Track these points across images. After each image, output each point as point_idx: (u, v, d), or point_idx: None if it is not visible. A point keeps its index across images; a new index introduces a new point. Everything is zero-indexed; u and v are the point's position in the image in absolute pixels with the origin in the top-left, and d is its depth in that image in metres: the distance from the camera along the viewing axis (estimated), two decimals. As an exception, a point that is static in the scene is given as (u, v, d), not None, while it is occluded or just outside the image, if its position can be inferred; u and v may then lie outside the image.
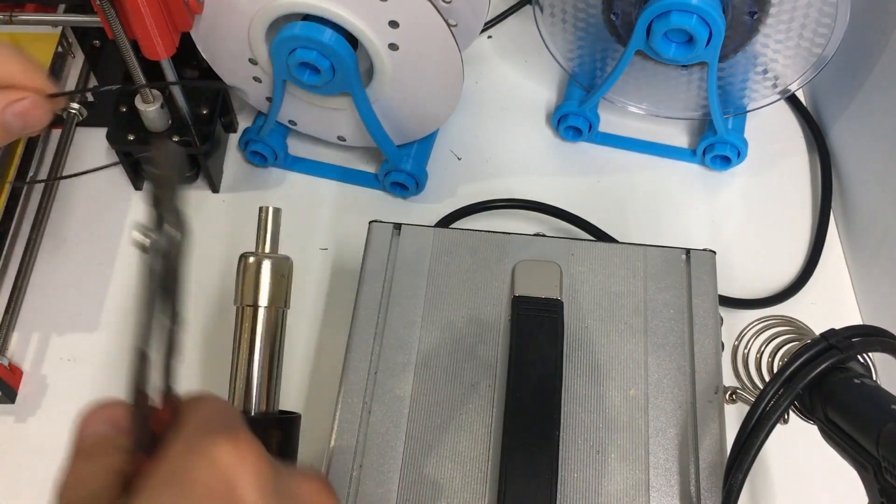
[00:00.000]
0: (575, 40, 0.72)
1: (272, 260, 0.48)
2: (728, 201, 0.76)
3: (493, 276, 0.55)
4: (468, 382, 0.51)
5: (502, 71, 0.84)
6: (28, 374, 0.66)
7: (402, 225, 0.58)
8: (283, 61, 0.63)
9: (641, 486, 0.48)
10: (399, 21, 0.60)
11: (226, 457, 0.28)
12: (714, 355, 0.52)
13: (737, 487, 0.41)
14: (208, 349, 0.66)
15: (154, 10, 0.57)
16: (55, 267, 0.71)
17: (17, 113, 0.36)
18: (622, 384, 0.51)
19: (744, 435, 0.41)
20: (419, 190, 0.74)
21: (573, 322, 0.53)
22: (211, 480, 0.28)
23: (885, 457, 0.35)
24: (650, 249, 0.56)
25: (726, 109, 0.74)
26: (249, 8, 0.61)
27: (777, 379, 0.41)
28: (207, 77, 0.71)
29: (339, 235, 0.73)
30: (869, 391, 0.38)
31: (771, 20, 0.65)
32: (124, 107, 0.70)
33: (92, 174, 0.76)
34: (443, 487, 0.48)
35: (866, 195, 0.71)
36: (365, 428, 0.50)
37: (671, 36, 0.65)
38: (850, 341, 0.40)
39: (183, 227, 0.27)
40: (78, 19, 0.66)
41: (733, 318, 0.65)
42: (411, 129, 0.71)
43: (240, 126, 0.79)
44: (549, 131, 0.80)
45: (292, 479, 0.31)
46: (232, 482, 0.28)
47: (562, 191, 0.75)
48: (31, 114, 0.37)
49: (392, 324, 0.53)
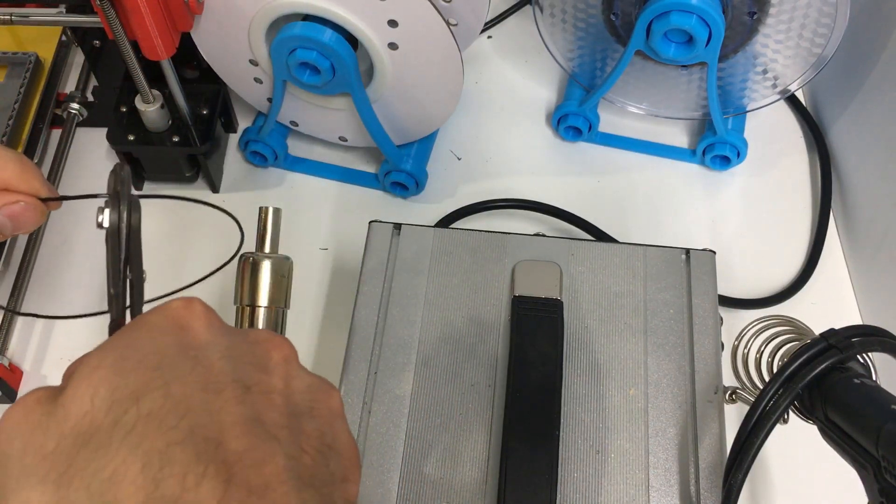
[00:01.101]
0: (575, 40, 0.72)
1: (272, 260, 0.48)
2: (728, 201, 0.76)
3: (493, 276, 0.55)
4: (468, 382, 0.51)
5: (502, 71, 0.84)
6: (28, 374, 0.66)
7: (402, 225, 0.58)
8: (283, 61, 0.63)
9: (641, 486, 0.48)
10: (398, 20, 0.60)
11: (176, 304, 0.30)
12: (714, 355, 0.52)
13: (737, 487, 0.41)
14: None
15: (154, 10, 0.57)
16: (55, 267, 0.71)
17: (10, 215, 0.38)
18: (622, 384, 0.51)
19: (744, 435, 0.41)
20: (419, 190, 0.74)
21: (573, 322, 0.53)
22: (162, 322, 0.29)
23: (885, 456, 0.35)
24: (650, 249, 0.56)
25: (726, 109, 0.74)
26: (249, 8, 0.61)
27: (777, 379, 0.41)
28: (208, 77, 0.71)
29: (339, 235, 0.73)
30: (869, 391, 0.38)
31: (771, 20, 0.65)
32: (124, 107, 0.71)
33: (91, 174, 0.77)
34: (443, 487, 0.48)
35: (866, 195, 0.71)
36: (365, 428, 0.50)
37: (671, 36, 0.65)
38: (850, 341, 0.40)
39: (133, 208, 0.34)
40: (78, 19, 0.66)
41: (733, 318, 0.65)
42: (411, 129, 0.71)
43: (240, 126, 0.79)
44: (549, 131, 0.80)
45: (244, 329, 0.32)
46: (183, 320, 0.30)
47: (562, 191, 0.75)
48: (24, 216, 0.39)
49: (392, 324, 0.53)
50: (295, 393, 0.30)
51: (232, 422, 0.27)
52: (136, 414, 0.25)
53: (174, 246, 0.73)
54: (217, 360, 0.29)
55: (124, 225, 0.33)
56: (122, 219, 0.33)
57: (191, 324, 0.30)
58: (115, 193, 0.33)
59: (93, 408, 0.26)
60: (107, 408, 0.26)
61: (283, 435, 0.28)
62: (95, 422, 0.25)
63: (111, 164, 0.76)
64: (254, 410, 0.28)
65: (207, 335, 0.30)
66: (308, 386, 0.31)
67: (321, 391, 0.32)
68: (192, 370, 0.28)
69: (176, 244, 0.73)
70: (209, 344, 0.29)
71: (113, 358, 0.27)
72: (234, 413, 0.27)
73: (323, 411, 0.31)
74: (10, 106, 0.73)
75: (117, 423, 0.25)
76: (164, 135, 0.70)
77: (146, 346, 0.28)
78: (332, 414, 0.31)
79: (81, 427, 0.25)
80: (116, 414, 0.25)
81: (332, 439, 0.30)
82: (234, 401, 0.27)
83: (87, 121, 0.78)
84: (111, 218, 0.33)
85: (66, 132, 0.76)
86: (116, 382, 0.26)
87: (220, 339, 0.30)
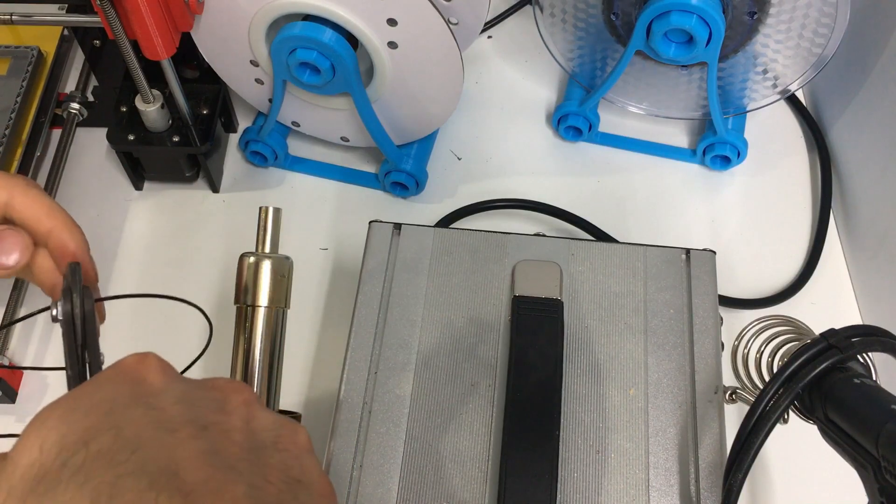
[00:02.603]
0: (575, 40, 0.72)
1: (272, 260, 0.48)
2: (728, 201, 0.76)
3: (493, 276, 0.55)
4: (468, 382, 0.51)
5: (502, 71, 0.84)
6: (28, 374, 0.66)
7: (402, 225, 0.58)
8: (283, 61, 0.63)
9: (641, 486, 0.48)
10: (397, 19, 0.60)
11: (129, 359, 0.30)
12: (714, 355, 0.52)
13: (737, 487, 0.41)
14: (208, 349, 0.66)
15: (154, 10, 0.57)
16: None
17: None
18: (622, 384, 0.51)
19: (744, 435, 0.41)
20: (419, 190, 0.74)
21: (573, 322, 0.53)
22: (113, 375, 0.29)
23: (885, 456, 0.35)
24: (650, 249, 0.56)
25: (726, 109, 0.74)
26: (249, 8, 0.62)
27: (777, 379, 0.41)
28: (208, 77, 0.71)
29: (339, 235, 0.73)
30: (869, 391, 0.38)
31: (771, 20, 0.65)
32: (124, 107, 0.71)
33: (91, 174, 0.77)
34: (443, 487, 0.48)
35: (866, 195, 0.71)
36: (365, 428, 0.50)
37: (671, 36, 0.65)
38: (850, 341, 0.40)
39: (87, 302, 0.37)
40: (78, 19, 0.66)
41: (733, 318, 0.65)
42: (411, 128, 0.71)
43: (240, 126, 0.79)
44: (549, 131, 0.80)
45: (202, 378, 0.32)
46: (136, 373, 0.29)
47: (562, 191, 0.75)
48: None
49: (392, 324, 0.53)
50: (257, 430, 0.29)
51: (187, 455, 0.26)
52: (85, 454, 0.25)
53: (174, 246, 0.73)
54: (172, 405, 0.28)
55: (78, 312, 0.36)
56: (74, 307, 0.36)
57: (145, 376, 0.29)
58: (68, 289, 0.36)
59: (41, 455, 0.25)
60: (55, 453, 0.25)
61: (243, 466, 0.27)
62: (44, 467, 0.25)
63: (111, 164, 0.77)
64: (211, 445, 0.27)
65: (161, 384, 0.29)
66: (272, 423, 0.30)
67: (285, 428, 0.31)
68: (146, 413, 0.27)
69: (176, 244, 0.73)
70: (164, 391, 0.29)
71: (62, 409, 0.27)
72: (189, 448, 0.26)
73: (288, 445, 0.30)
74: (12, 102, 0.73)
75: (65, 465, 0.25)
76: (164, 135, 0.70)
77: (96, 395, 0.28)
78: (298, 448, 0.30)
79: (30, 474, 0.25)
80: (65, 457, 0.25)
81: (299, 473, 0.29)
82: (189, 438, 0.27)
83: (87, 121, 0.78)
84: (64, 309, 0.36)
85: (66, 132, 0.76)
86: (65, 430, 0.26)
87: (176, 385, 0.29)
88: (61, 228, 0.39)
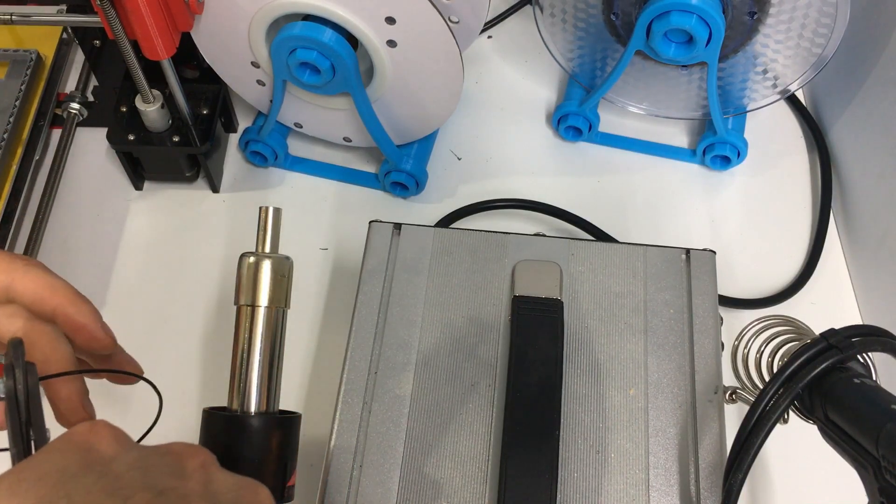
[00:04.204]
0: (575, 40, 0.72)
1: (272, 260, 0.48)
2: (728, 201, 0.76)
3: (493, 275, 0.55)
4: (468, 382, 0.51)
5: (502, 71, 0.84)
6: (28, 374, 0.66)
7: (402, 225, 0.58)
8: (283, 61, 0.63)
9: (641, 486, 0.48)
10: (396, 17, 0.60)
11: (79, 427, 0.30)
12: (714, 355, 0.52)
13: (737, 487, 0.41)
14: (208, 349, 0.66)
15: (154, 10, 0.57)
16: (55, 267, 0.71)
17: None
18: (622, 384, 0.51)
19: (744, 435, 0.41)
20: (419, 190, 0.74)
21: (573, 322, 0.53)
22: (62, 445, 0.29)
23: (885, 456, 0.35)
24: (650, 249, 0.56)
25: (726, 109, 0.74)
26: (249, 8, 0.62)
27: (777, 379, 0.41)
28: (208, 77, 0.71)
29: (339, 235, 0.73)
30: (869, 391, 0.38)
31: (771, 20, 0.65)
32: (124, 107, 0.71)
33: (91, 174, 0.77)
34: (443, 487, 0.48)
35: (866, 195, 0.71)
36: (365, 428, 0.50)
37: (671, 36, 0.65)
38: (850, 341, 0.40)
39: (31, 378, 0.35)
40: (78, 19, 0.66)
41: (733, 318, 0.65)
42: (411, 128, 0.71)
43: (240, 126, 0.79)
44: (549, 131, 0.80)
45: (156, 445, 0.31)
46: (86, 442, 0.29)
47: (562, 191, 0.75)
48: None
49: (392, 324, 0.53)
50: (216, 493, 0.29)
51: None
52: None
53: (174, 246, 0.73)
54: (126, 471, 0.28)
55: (21, 388, 0.34)
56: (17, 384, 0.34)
57: (95, 444, 0.29)
58: (10, 365, 0.35)
59: None
60: None
61: None
62: None
63: (111, 164, 0.76)
64: None
65: (113, 451, 0.29)
66: (232, 485, 0.30)
67: (246, 489, 0.30)
68: (98, 481, 0.27)
69: (176, 244, 0.73)
70: (116, 458, 0.28)
71: (10, 481, 0.26)
72: None
73: None
74: (11, 105, 0.73)
75: None
76: (165, 135, 0.70)
77: (44, 466, 0.27)
78: None
79: None
80: None
81: None
82: (144, 503, 0.26)
83: (87, 121, 0.78)
84: (7, 385, 0.34)
85: (66, 132, 0.76)
86: (15, 502, 0.25)
87: (129, 452, 0.29)
88: (66, 304, 0.38)
